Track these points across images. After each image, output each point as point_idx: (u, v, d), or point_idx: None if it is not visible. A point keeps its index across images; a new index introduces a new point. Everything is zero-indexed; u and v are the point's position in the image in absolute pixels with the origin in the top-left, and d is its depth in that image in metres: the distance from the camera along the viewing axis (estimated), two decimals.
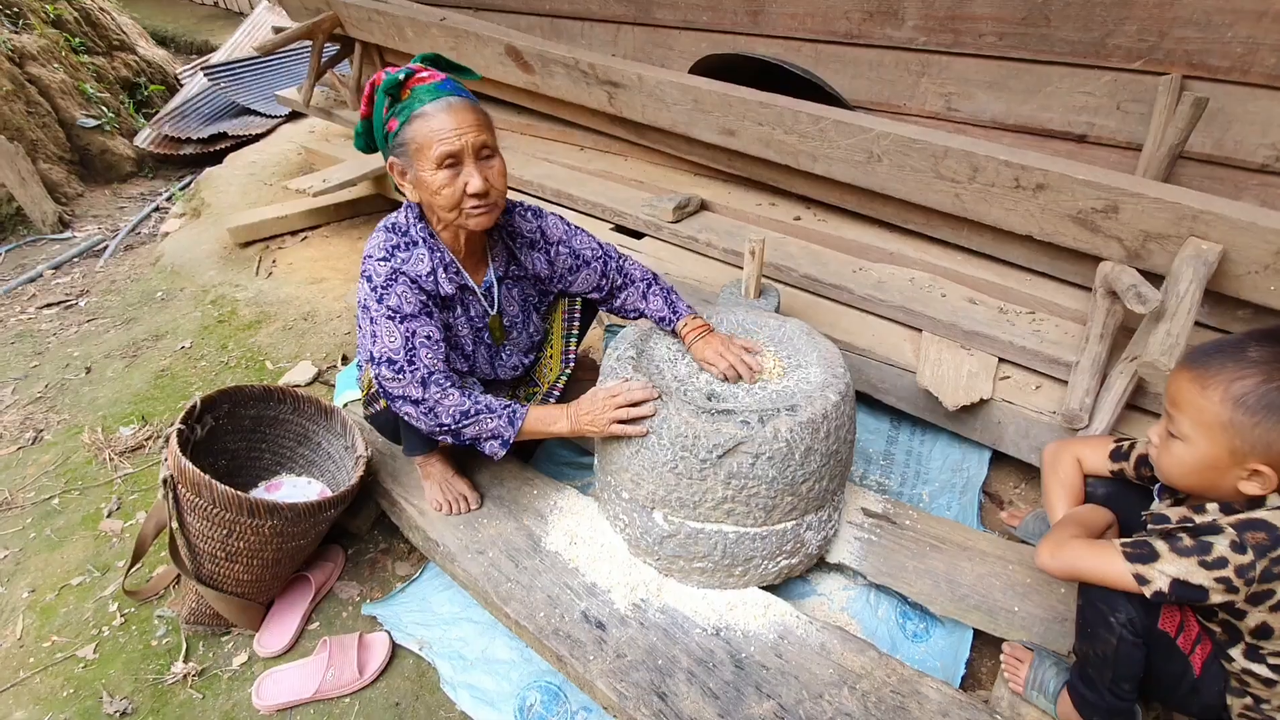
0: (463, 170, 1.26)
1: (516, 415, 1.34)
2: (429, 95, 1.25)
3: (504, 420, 1.33)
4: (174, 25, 6.89)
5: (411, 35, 2.88)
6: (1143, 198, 1.54)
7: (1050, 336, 1.75)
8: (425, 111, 1.24)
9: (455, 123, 1.23)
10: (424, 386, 1.29)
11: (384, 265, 1.31)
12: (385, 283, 1.31)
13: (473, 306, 1.46)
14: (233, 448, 1.66)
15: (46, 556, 1.72)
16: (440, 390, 1.30)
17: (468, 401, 1.31)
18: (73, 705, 1.39)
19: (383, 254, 1.32)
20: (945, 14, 2.18)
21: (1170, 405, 0.99)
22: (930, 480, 1.78)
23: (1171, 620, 1.00)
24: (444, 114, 1.23)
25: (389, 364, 1.29)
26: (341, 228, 3.22)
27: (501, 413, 1.33)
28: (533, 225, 1.51)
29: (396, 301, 1.30)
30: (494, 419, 1.32)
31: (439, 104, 1.24)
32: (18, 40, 4.04)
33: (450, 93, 1.26)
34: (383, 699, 1.39)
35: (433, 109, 1.24)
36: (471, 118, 1.25)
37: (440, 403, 1.30)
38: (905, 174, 1.88)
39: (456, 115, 1.24)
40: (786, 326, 1.55)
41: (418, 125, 1.24)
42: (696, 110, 2.19)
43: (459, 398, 1.31)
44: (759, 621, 1.33)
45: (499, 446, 1.34)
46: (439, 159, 1.24)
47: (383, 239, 1.35)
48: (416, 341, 1.30)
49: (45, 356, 2.54)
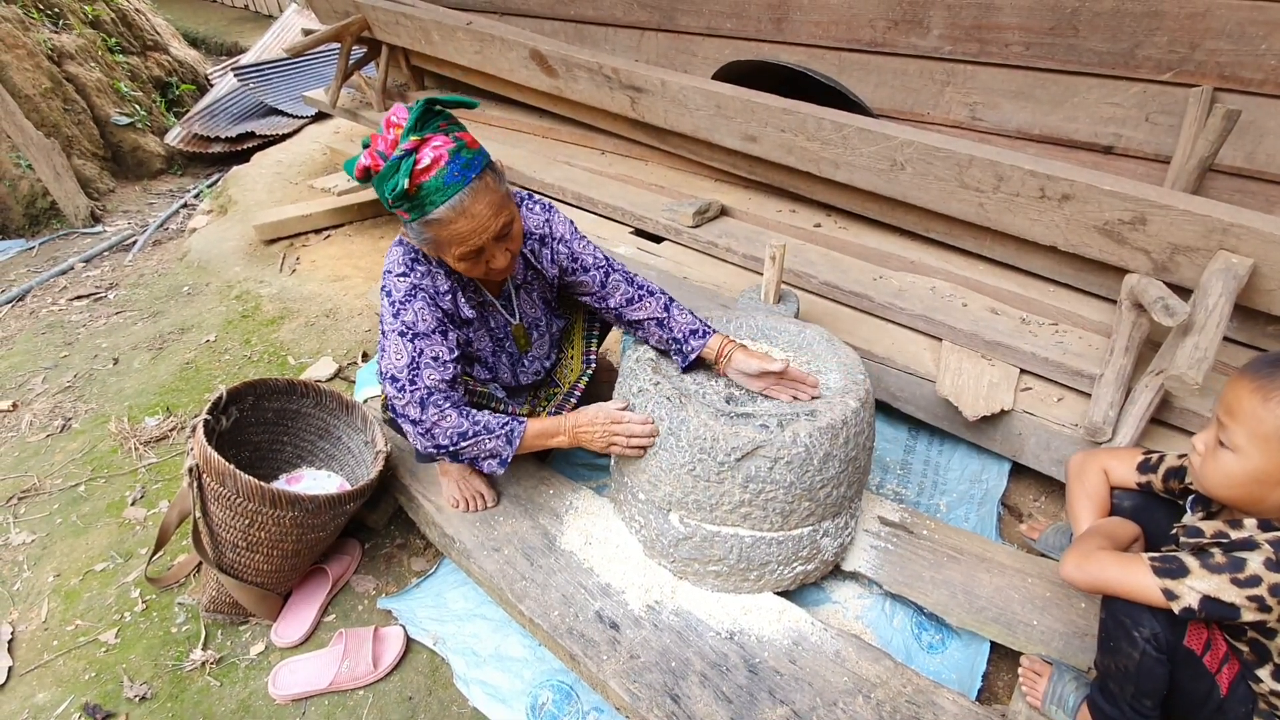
0: (485, 253, 1.24)
1: (514, 434, 1.33)
2: (440, 196, 1.15)
3: (501, 440, 1.32)
4: (205, 27, 7.04)
5: (438, 39, 2.92)
6: (1171, 209, 1.52)
7: (1073, 348, 1.73)
8: (440, 218, 1.17)
9: (473, 225, 1.18)
10: (422, 407, 1.28)
11: (403, 281, 1.30)
12: (404, 299, 1.29)
13: (493, 319, 1.46)
14: (255, 440, 1.68)
15: (72, 542, 1.75)
16: (438, 412, 1.29)
17: (465, 423, 1.30)
18: (94, 688, 1.42)
19: (402, 269, 1.30)
20: (971, 23, 2.17)
21: (1225, 414, 0.95)
22: (948, 490, 1.77)
23: (1198, 638, 0.98)
24: (460, 219, 1.17)
25: (392, 381, 1.29)
26: (364, 226, 3.27)
27: (499, 432, 1.32)
28: (540, 220, 1.45)
29: (412, 318, 1.29)
30: (492, 439, 1.31)
31: (453, 206, 1.16)
32: (57, 40, 4.15)
33: (460, 184, 1.16)
34: (396, 692, 1.40)
35: (447, 214, 1.16)
36: (487, 209, 1.18)
37: (438, 424, 1.29)
38: (928, 182, 1.87)
39: (473, 216, 1.17)
40: (807, 332, 1.55)
41: (434, 229, 1.19)
42: (719, 116, 2.20)
43: (457, 419, 1.30)
44: (773, 627, 1.32)
45: (496, 466, 1.34)
46: (461, 256, 1.22)
47: (402, 254, 1.31)
48: (422, 361, 1.29)
49: (74, 347, 2.60)
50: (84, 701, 1.39)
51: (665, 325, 1.45)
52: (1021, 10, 2.07)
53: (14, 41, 3.81)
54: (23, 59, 3.81)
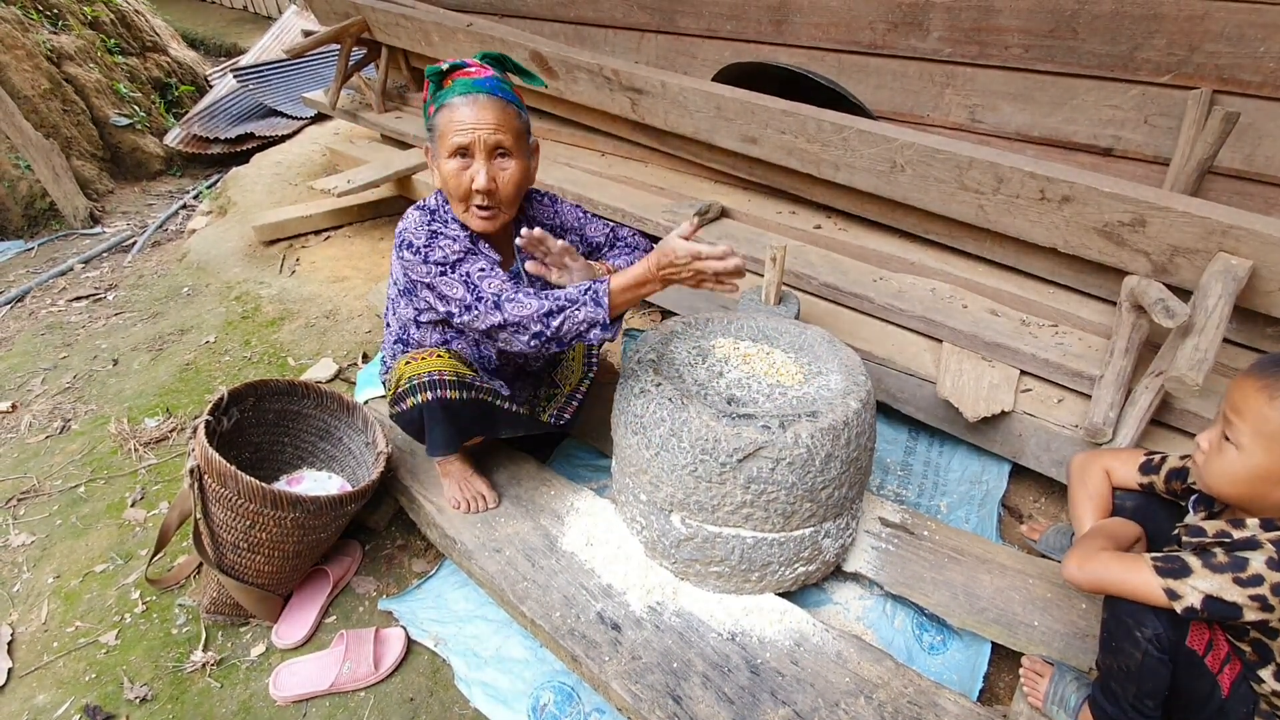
0: (472, 165, 1.30)
1: (600, 294, 1.24)
2: (463, 88, 1.29)
3: (590, 305, 1.23)
4: (205, 28, 7.04)
5: (438, 40, 2.92)
6: (1171, 211, 1.52)
7: (1073, 349, 1.73)
8: (452, 102, 1.29)
9: (475, 117, 1.27)
10: (499, 309, 1.26)
11: (422, 229, 1.35)
12: (427, 242, 1.33)
13: None
14: (256, 441, 1.68)
15: (72, 543, 1.75)
16: (516, 304, 1.25)
17: (547, 303, 1.24)
18: (94, 690, 1.41)
19: (416, 224, 1.36)
20: (971, 25, 2.18)
21: (1231, 411, 0.96)
22: (949, 492, 1.77)
23: (1200, 638, 0.99)
24: (467, 107, 1.28)
25: (466, 310, 1.28)
26: (364, 228, 3.27)
27: (582, 299, 1.24)
28: (549, 211, 1.55)
29: (441, 255, 1.32)
30: (581, 309, 1.24)
31: (467, 97, 1.28)
32: (56, 40, 4.14)
33: (485, 90, 1.29)
34: (397, 694, 1.39)
35: (460, 101, 1.28)
36: (493, 116, 1.28)
37: (522, 315, 1.25)
38: (928, 184, 1.87)
39: (479, 110, 1.27)
40: (808, 334, 1.55)
41: (444, 114, 1.29)
42: (719, 117, 2.20)
43: (537, 303, 1.25)
44: (775, 628, 1.32)
45: (600, 333, 1.25)
46: (451, 148, 1.28)
47: (417, 215, 1.39)
48: (475, 278, 1.30)
49: (74, 348, 2.60)
50: (84, 703, 1.39)
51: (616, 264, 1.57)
52: (1021, 13, 2.08)
53: (13, 42, 3.81)
54: (22, 60, 3.81)
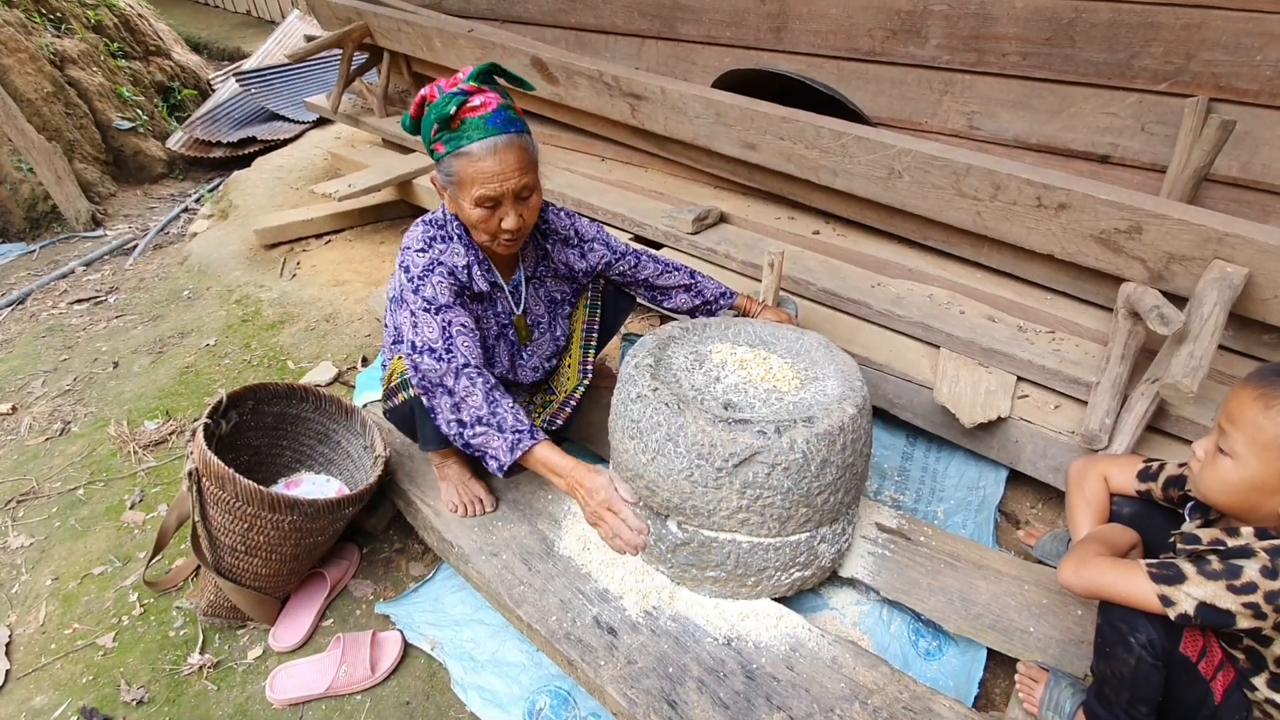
0: (499, 208, 1.29)
1: (519, 446, 1.29)
2: (478, 133, 1.24)
3: (505, 447, 1.29)
4: (208, 32, 7.07)
5: (439, 46, 2.94)
6: (1167, 219, 1.53)
7: (1070, 356, 1.74)
8: (471, 151, 1.24)
9: (499, 168, 1.24)
10: (456, 378, 1.29)
11: (422, 256, 1.34)
12: (422, 273, 1.33)
13: (500, 303, 1.50)
14: (255, 444, 1.68)
15: (70, 545, 1.75)
16: (470, 385, 1.29)
17: (485, 409, 1.30)
18: (91, 692, 1.42)
19: (420, 245, 1.36)
20: (969, 33, 2.19)
21: (1226, 421, 0.96)
22: (945, 497, 1.77)
23: (1194, 644, 0.99)
24: (490, 158, 1.24)
25: (430, 353, 1.30)
26: (364, 232, 3.28)
27: (509, 436, 1.29)
28: (566, 224, 1.57)
29: (431, 293, 1.32)
30: (499, 439, 1.29)
31: (486, 145, 1.24)
32: (59, 44, 4.17)
33: (499, 130, 1.25)
34: (394, 697, 1.39)
35: (479, 150, 1.24)
36: (515, 162, 1.26)
37: (465, 400, 1.30)
38: (926, 191, 1.88)
39: (501, 159, 1.24)
40: (805, 339, 1.56)
41: (463, 163, 1.26)
42: (718, 123, 2.21)
43: (480, 400, 1.30)
44: (770, 633, 1.32)
45: (495, 467, 1.31)
46: (477, 199, 1.26)
47: (422, 231, 1.38)
48: (453, 330, 1.31)
49: (74, 350, 2.61)
50: (81, 705, 1.39)
51: (692, 290, 1.69)
52: (1019, 21, 2.09)
53: (16, 46, 3.83)
54: (25, 63, 3.83)
